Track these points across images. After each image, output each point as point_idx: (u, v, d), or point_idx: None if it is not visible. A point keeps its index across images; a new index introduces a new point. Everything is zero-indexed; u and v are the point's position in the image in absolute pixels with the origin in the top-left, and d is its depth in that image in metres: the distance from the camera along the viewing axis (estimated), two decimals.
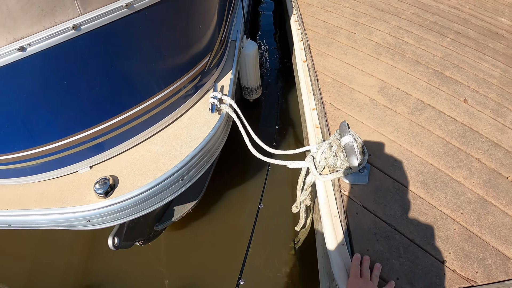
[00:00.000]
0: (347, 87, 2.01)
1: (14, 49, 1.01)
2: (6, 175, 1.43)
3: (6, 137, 1.24)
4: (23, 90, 1.11)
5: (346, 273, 1.16)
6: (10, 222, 1.44)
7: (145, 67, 1.32)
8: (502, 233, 1.41)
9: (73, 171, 1.43)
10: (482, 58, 2.56)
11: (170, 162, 1.39)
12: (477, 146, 1.77)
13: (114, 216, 1.35)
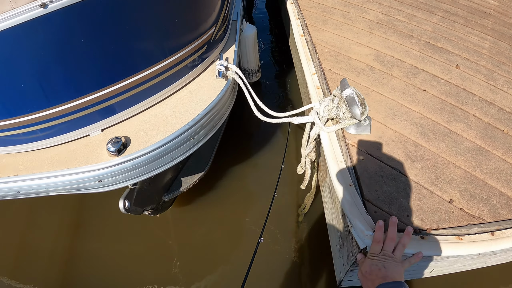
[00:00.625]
0: (344, 55, 2.10)
1: (36, 6, 1.07)
2: (18, 142, 1.47)
3: (21, 98, 1.29)
4: (42, 48, 1.18)
5: (356, 207, 1.22)
6: (19, 188, 1.48)
7: (157, 31, 1.40)
8: (503, 177, 1.49)
9: (84, 135, 1.48)
10: (471, 33, 2.67)
11: (181, 121, 1.45)
12: (471, 104, 1.86)
13: (126, 175, 1.40)
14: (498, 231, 1.32)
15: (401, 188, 1.35)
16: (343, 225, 1.36)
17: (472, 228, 1.30)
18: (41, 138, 1.46)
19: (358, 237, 1.17)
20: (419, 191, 1.36)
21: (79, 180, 1.39)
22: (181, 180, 1.92)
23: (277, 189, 1.68)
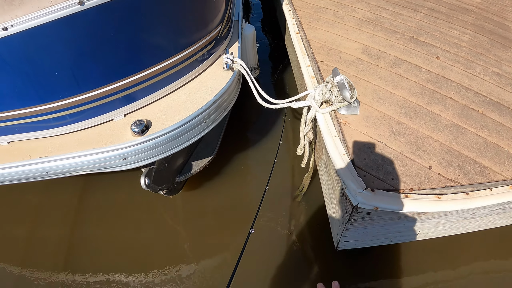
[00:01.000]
0: (335, 49, 2.34)
1: (74, 3, 1.30)
2: (48, 127, 1.68)
3: (54, 85, 1.51)
4: (76, 40, 1.40)
5: (348, 171, 1.45)
6: (48, 169, 1.68)
7: (174, 28, 1.64)
8: (477, 149, 1.73)
9: (109, 119, 1.69)
10: (453, 28, 2.94)
11: (196, 106, 1.67)
12: (449, 89, 2.11)
13: (148, 153, 1.62)
14: (472, 192, 1.56)
15: (386, 157, 1.58)
16: (338, 191, 1.58)
17: (449, 189, 1.53)
18: (70, 123, 1.67)
19: (351, 196, 1.40)
20: (402, 160, 1.59)
21: (105, 158, 1.60)
22: (192, 164, 2.13)
23: (271, 180, 1.91)
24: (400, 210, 1.40)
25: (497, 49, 2.69)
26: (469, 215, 1.67)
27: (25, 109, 1.62)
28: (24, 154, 1.73)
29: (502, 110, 2.02)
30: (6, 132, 1.76)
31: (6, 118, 1.67)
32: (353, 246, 1.72)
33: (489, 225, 1.90)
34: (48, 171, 1.70)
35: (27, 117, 1.66)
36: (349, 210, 1.45)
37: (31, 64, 1.44)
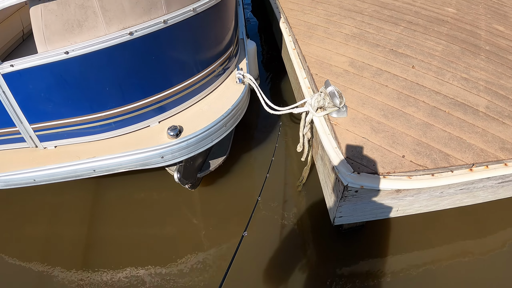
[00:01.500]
0: (326, 63, 2.83)
1: (126, 33, 1.76)
2: (95, 132, 2.13)
3: (104, 98, 1.96)
4: (124, 62, 1.86)
5: (339, 159, 1.92)
6: (95, 167, 2.12)
7: (199, 52, 2.11)
8: (442, 141, 2.20)
9: (146, 126, 2.15)
10: (428, 39, 3.44)
11: (217, 113, 2.15)
12: (422, 94, 2.59)
13: (181, 152, 2.07)
14: (437, 174, 2.03)
15: (368, 149, 2.05)
16: (332, 176, 2.05)
17: (418, 172, 2.00)
18: (114, 129, 2.13)
19: (342, 178, 1.86)
20: (381, 151, 2.06)
21: (146, 157, 2.06)
22: (209, 162, 2.59)
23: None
24: (380, 188, 1.87)
25: (467, 57, 3.20)
26: (438, 193, 2.14)
27: (77, 117, 2.06)
28: (72, 156, 2.17)
29: (466, 110, 2.51)
30: (56, 137, 2.19)
31: (58, 126, 2.12)
32: (345, 221, 2.18)
33: (457, 204, 2.37)
34: (96, 169, 2.14)
35: (77, 125, 2.11)
36: (341, 190, 1.91)
37: (86, 81, 1.90)
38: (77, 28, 1.71)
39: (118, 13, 1.72)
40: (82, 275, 2.46)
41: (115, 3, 1.69)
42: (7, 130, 2.17)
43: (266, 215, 2.67)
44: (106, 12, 1.70)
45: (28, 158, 2.23)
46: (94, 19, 1.70)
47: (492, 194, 2.37)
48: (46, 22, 1.69)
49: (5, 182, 2.26)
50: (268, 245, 2.50)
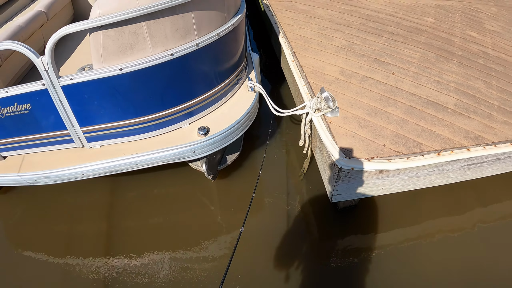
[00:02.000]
0: (321, 72, 3.42)
1: (168, 54, 2.33)
2: (137, 133, 2.68)
3: (148, 104, 2.51)
4: (165, 77, 2.42)
5: (334, 148, 2.49)
6: (138, 161, 2.66)
7: (222, 66, 2.69)
8: (416, 133, 2.80)
9: (179, 127, 2.71)
10: (407, 47, 4.07)
11: (236, 116, 2.72)
12: (400, 95, 3.19)
13: (209, 147, 2.63)
14: (410, 157, 2.62)
15: (356, 140, 2.64)
16: (329, 162, 2.62)
17: (396, 156, 2.59)
18: (153, 130, 2.68)
19: (337, 162, 2.44)
20: (366, 141, 2.65)
21: (181, 152, 2.61)
22: (226, 158, 3.15)
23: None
24: (366, 169, 2.45)
25: (441, 62, 3.82)
26: (414, 174, 2.72)
27: (123, 121, 2.61)
28: (117, 153, 2.71)
29: (437, 107, 3.11)
30: (102, 138, 2.73)
31: (105, 128, 2.66)
32: (341, 199, 2.75)
33: (432, 183, 2.95)
34: (138, 163, 2.68)
35: (122, 127, 2.66)
36: (336, 171, 2.49)
37: (134, 92, 2.45)
38: (129, 50, 2.28)
39: (162, 38, 2.29)
40: (105, 262, 2.86)
41: (160, 30, 2.26)
42: (59, 133, 2.70)
43: (272, 202, 3.22)
44: (153, 38, 2.26)
45: (76, 156, 2.76)
46: (143, 43, 2.26)
47: (461, 175, 2.96)
48: (104, 45, 2.24)
49: (57, 177, 2.78)
50: (274, 228, 3.03)
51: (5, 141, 2.79)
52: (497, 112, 3.13)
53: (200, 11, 2.38)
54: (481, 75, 3.64)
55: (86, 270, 2.82)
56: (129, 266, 2.83)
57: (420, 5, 5.44)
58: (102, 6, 2.06)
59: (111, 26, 2.14)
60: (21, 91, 2.43)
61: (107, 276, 2.78)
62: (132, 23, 2.15)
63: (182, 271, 2.77)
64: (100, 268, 2.82)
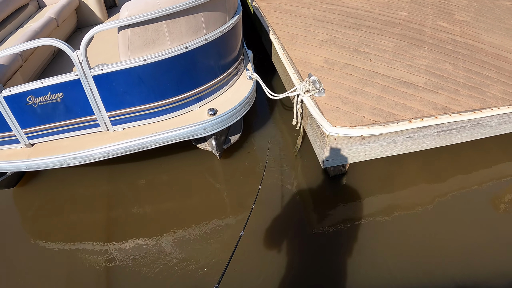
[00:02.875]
0: (308, 62, 4.05)
1: (183, 47, 2.92)
2: (157, 115, 3.23)
3: (166, 90, 3.08)
4: (181, 66, 3.00)
5: (322, 119, 3.10)
6: (158, 139, 3.21)
7: (226, 58, 3.30)
8: (391, 106, 3.42)
9: (190, 110, 3.29)
10: (383, 38, 4.74)
11: (238, 99, 3.32)
12: (376, 77, 3.84)
13: (218, 125, 3.22)
14: (386, 124, 3.23)
15: (340, 114, 3.26)
16: (318, 133, 3.22)
17: (374, 124, 3.20)
18: (169, 112, 3.25)
19: (325, 130, 3.05)
20: (349, 114, 3.26)
21: (194, 129, 3.18)
22: (230, 138, 3.74)
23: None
24: (350, 134, 3.06)
25: (413, 49, 4.49)
26: (391, 140, 3.34)
27: (144, 105, 3.16)
28: (138, 134, 3.24)
29: (409, 86, 3.75)
30: (125, 121, 3.25)
31: (128, 112, 3.19)
32: (331, 164, 3.35)
33: (408, 149, 3.57)
34: (158, 141, 3.22)
35: (143, 111, 3.20)
36: (325, 138, 3.09)
37: (155, 79, 3.02)
38: (151, 44, 2.86)
39: (178, 34, 2.88)
40: (115, 246, 3.25)
41: (177, 28, 2.85)
42: (86, 118, 3.20)
43: (270, 177, 3.80)
44: (171, 34, 2.85)
45: (102, 138, 3.26)
46: (163, 38, 2.85)
47: (433, 141, 3.58)
48: (131, 40, 2.81)
49: (84, 157, 3.22)
50: (274, 200, 3.58)
51: (35, 128, 3.26)
52: (463, 88, 3.79)
53: (207, 12, 2.99)
54: (449, 59, 4.32)
55: (98, 257, 3.19)
56: (140, 250, 3.21)
57: (395, 1, 6.16)
58: (130, 9, 2.64)
59: (138, 25, 2.72)
60: (56, 82, 2.95)
61: (120, 260, 3.15)
62: (155, 22, 2.74)
63: (191, 252, 3.19)
64: (112, 254, 3.20)
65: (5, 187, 3.90)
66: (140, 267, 3.10)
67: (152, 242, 3.29)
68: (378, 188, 3.68)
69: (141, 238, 3.33)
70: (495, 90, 3.80)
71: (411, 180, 3.78)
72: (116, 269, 3.11)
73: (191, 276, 2.99)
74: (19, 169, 3.33)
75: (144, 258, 3.17)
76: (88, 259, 3.20)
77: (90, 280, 3.05)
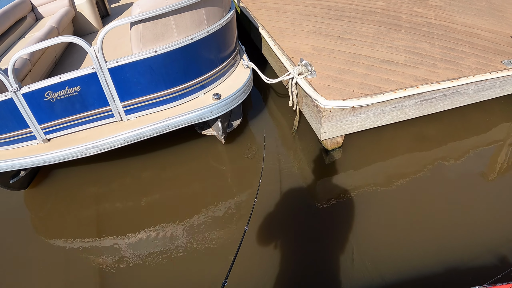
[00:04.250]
0: (298, 50, 4.56)
1: (189, 38, 3.38)
2: (167, 102, 3.66)
3: (174, 78, 3.53)
4: (188, 56, 3.46)
5: (317, 95, 3.58)
6: (169, 123, 3.62)
7: (226, 47, 3.78)
8: (376, 81, 3.93)
9: (196, 96, 3.73)
10: (364, 26, 5.29)
11: (239, 84, 3.78)
12: (361, 59, 4.36)
13: (222, 108, 3.67)
14: (373, 96, 3.72)
15: (332, 90, 3.75)
16: (314, 108, 3.70)
17: (363, 96, 3.69)
18: (178, 99, 3.68)
19: (320, 104, 3.52)
20: (340, 90, 3.75)
21: (202, 113, 3.61)
22: (232, 123, 4.19)
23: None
24: (342, 106, 3.54)
25: (391, 33, 5.04)
26: (379, 111, 3.84)
27: (155, 94, 3.58)
28: (152, 120, 3.63)
29: (391, 64, 4.28)
30: (138, 110, 3.65)
31: (141, 101, 3.60)
32: (328, 136, 3.82)
33: (395, 119, 4.07)
34: (169, 125, 3.62)
35: (154, 99, 3.62)
36: (321, 112, 3.57)
37: (165, 69, 3.46)
38: (161, 37, 3.31)
39: (184, 27, 3.34)
40: (125, 239, 3.52)
41: (183, 22, 3.31)
42: (101, 109, 3.59)
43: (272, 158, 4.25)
44: (178, 27, 3.31)
45: (117, 127, 3.64)
46: (171, 32, 3.31)
47: (417, 110, 4.09)
48: (143, 34, 3.26)
49: (101, 146, 3.55)
50: (276, 178, 4.02)
51: (52, 123, 3.62)
52: (440, 62, 4.33)
53: (208, 7, 3.49)
54: (426, 39, 4.88)
55: (109, 250, 3.45)
56: (152, 240, 3.47)
57: None
58: (141, 6, 3.10)
59: (148, 20, 3.18)
60: (73, 76, 3.34)
61: (133, 252, 3.39)
62: (163, 17, 3.21)
63: (202, 239, 3.44)
64: (121, 248, 3.46)
65: (18, 188, 4.21)
66: (146, 259, 3.31)
67: (161, 233, 3.53)
68: (373, 158, 4.15)
69: (149, 229, 3.59)
70: (470, 62, 4.35)
71: (403, 150, 4.26)
72: (122, 263, 3.35)
73: (197, 271, 3.19)
74: (36, 163, 3.63)
75: (153, 248, 3.39)
76: (98, 252, 3.47)
77: (103, 274, 3.29)
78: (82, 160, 4.41)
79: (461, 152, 4.14)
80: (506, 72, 4.17)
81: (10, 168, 3.61)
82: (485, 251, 3.06)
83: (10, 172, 3.98)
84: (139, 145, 4.09)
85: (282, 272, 3.08)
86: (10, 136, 3.64)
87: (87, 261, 3.39)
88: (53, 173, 4.47)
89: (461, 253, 3.06)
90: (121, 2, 6.79)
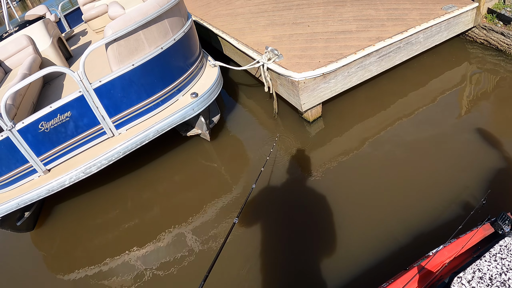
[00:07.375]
0: (260, 42, 4.98)
1: (159, 48, 3.71)
2: (151, 109, 3.94)
3: (154, 86, 3.83)
4: (162, 64, 3.79)
5: (287, 72, 3.95)
6: (158, 128, 3.86)
7: (193, 51, 4.14)
8: (337, 49, 4.35)
9: (176, 100, 4.06)
10: (313, 9, 5.78)
11: (211, 81, 4.13)
12: (318, 36, 4.80)
13: (202, 103, 3.99)
14: (338, 60, 4.13)
15: (300, 65, 4.14)
16: (290, 86, 4.07)
17: (329, 63, 4.09)
18: (160, 105, 3.98)
19: (293, 78, 3.90)
20: (307, 63, 4.15)
21: (185, 111, 3.92)
22: (213, 119, 4.52)
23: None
24: (314, 75, 3.92)
25: (339, 9, 5.55)
26: (346, 73, 4.25)
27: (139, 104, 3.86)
28: (142, 128, 3.87)
29: (345, 33, 4.74)
30: (126, 122, 3.90)
31: (128, 113, 3.85)
32: (308, 107, 4.19)
33: (361, 78, 4.49)
34: (158, 129, 3.89)
35: (139, 108, 3.90)
36: (296, 86, 3.94)
37: (144, 79, 3.77)
38: (135, 51, 3.62)
39: (153, 39, 3.67)
40: (137, 258, 3.87)
41: (151, 34, 3.64)
42: (93, 129, 3.81)
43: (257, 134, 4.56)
44: (148, 40, 3.64)
45: (111, 142, 3.85)
46: (143, 45, 3.62)
47: (379, 66, 4.54)
48: (119, 51, 3.56)
49: (100, 161, 3.75)
50: (270, 162, 4.34)
51: (50, 152, 3.80)
52: (387, 21, 4.82)
53: (169, 18, 3.87)
54: (370, 6, 5.40)
55: (125, 270, 3.60)
56: (161, 253, 3.62)
57: None
58: (113, 27, 3.42)
59: (121, 38, 3.50)
60: (63, 103, 3.57)
61: (142, 269, 3.56)
62: (134, 33, 3.54)
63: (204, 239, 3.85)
64: (132, 264, 3.65)
65: (25, 230, 4.30)
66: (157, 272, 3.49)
67: (168, 247, 3.67)
68: (351, 122, 4.52)
69: (157, 243, 3.78)
70: (413, 15, 4.86)
71: (376, 109, 4.65)
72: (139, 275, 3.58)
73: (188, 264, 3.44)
74: (41, 196, 3.75)
75: (163, 259, 3.56)
76: (107, 276, 3.63)
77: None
78: (82, 192, 4.63)
79: (429, 99, 4.62)
80: (447, 15, 4.70)
81: (16, 206, 3.75)
82: (447, 205, 3.22)
83: (15, 214, 4.11)
84: (131, 168, 4.35)
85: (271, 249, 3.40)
86: (11, 176, 3.80)
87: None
88: (55, 211, 4.61)
89: (427, 215, 3.18)
90: (79, 44, 7.06)
